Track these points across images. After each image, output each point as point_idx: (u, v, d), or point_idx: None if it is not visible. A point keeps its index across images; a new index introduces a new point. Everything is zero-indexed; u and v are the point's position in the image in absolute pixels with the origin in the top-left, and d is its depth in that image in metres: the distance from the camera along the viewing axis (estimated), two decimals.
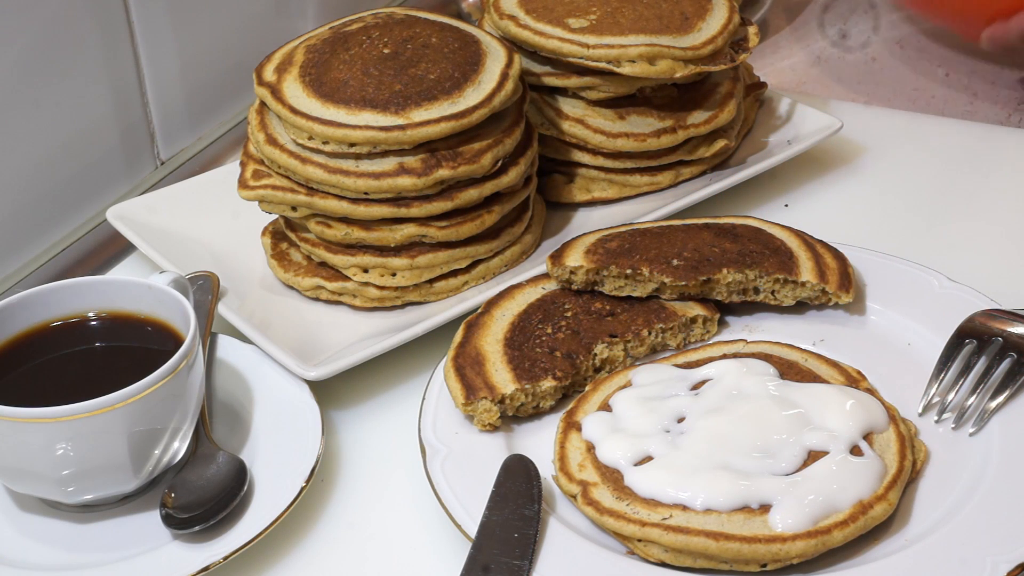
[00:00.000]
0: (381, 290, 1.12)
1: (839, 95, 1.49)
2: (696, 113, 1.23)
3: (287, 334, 1.09)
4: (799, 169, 1.31)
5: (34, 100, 1.20)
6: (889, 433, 0.94)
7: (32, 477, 0.92)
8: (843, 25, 1.63)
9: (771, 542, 0.87)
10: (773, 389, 0.98)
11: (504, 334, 1.05)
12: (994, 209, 1.27)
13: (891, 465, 0.92)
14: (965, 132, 1.39)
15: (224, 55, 1.40)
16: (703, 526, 0.87)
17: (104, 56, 1.26)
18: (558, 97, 1.23)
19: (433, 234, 1.11)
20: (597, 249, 1.09)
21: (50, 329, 0.98)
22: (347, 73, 1.10)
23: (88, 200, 1.29)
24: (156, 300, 0.98)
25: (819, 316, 1.10)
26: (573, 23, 1.19)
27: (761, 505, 0.88)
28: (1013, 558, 0.86)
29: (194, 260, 1.17)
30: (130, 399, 0.89)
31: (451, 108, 1.08)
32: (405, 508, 0.98)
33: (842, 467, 0.91)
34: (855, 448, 0.93)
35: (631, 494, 0.91)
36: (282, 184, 1.11)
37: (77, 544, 0.94)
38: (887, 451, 0.93)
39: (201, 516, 0.92)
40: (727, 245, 1.09)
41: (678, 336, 1.08)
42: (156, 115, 1.34)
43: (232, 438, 1.01)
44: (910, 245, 1.17)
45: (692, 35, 1.20)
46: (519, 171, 1.13)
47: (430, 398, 1.02)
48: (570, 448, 0.96)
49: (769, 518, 0.88)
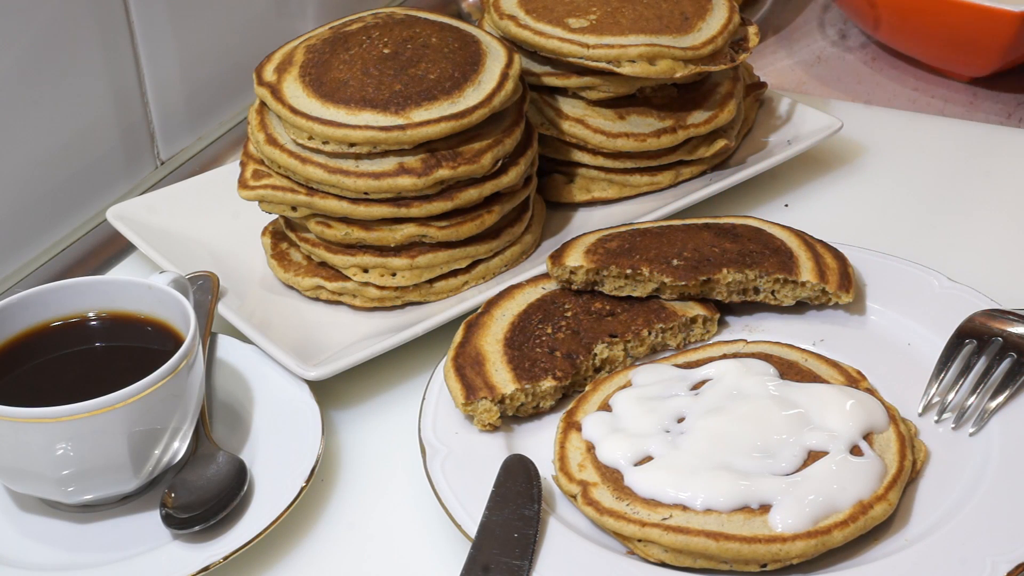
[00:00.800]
0: (381, 290, 1.12)
1: (839, 95, 1.49)
2: (696, 113, 1.23)
3: (287, 334, 1.09)
4: (799, 169, 1.31)
5: (34, 100, 1.20)
6: (889, 433, 0.94)
7: (32, 477, 0.92)
8: (843, 25, 1.63)
9: (771, 542, 0.87)
10: (773, 389, 0.98)
11: (504, 334, 1.05)
12: (994, 209, 1.27)
13: (891, 465, 0.92)
14: (965, 132, 1.39)
15: (224, 55, 1.40)
16: (703, 526, 0.87)
17: (104, 56, 1.26)
18: (558, 97, 1.23)
19: (433, 234, 1.11)
20: (597, 249, 1.09)
21: (50, 329, 0.98)
22: (347, 73, 1.10)
23: (88, 200, 1.29)
24: (156, 300, 0.98)
25: (819, 316, 1.10)
26: (573, 23, 1.19)
27: (761, 505, 0.88)
28: (1013, 558, 0.86)
29: (194, 260, 1.17)
30: (130, 399, 0.89)
31: (451, 108, 1.08)
32: (405, 508, 0.98)
33: (842, 467, 0.91)
34: (855, 448, 0.93)
35: (631, 494, 0.91)
36: (282, 184, 1.11)
37: (77, 544, 0.94)
38: (887, 451, 0.93)
39: (201, 516, 0.92)
40: (727, 245, 1.09)
41: (678, 336, 1.08)
42: (156, 115, 1.34)
43: (232, 438, 1.01)
44: (910, 245, 1.17)
45: (692, 35, 1.20)
46: (519, 171, 1.13)
47: (430, 398, 1.02)
48: (570, 448, 0.96)
49: (769, 518, 0.88)
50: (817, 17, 1.65)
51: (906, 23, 1.47)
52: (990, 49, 1.40)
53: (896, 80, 1.52)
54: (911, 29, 1.47)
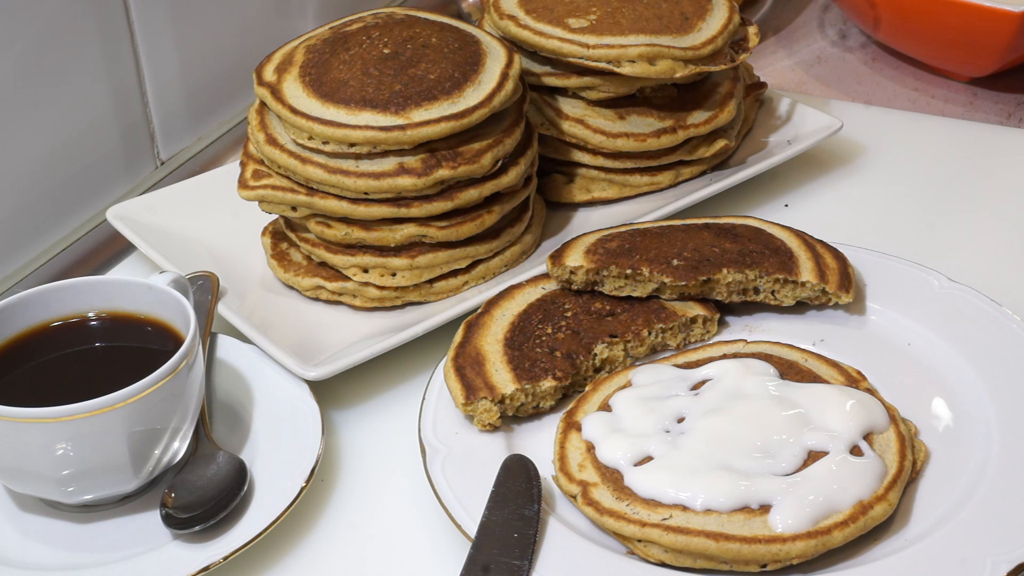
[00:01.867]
0: (381, 290, 1.12)
1: (839, 95, 1.49)
2: (696, 113, 1.23)
3: (287, 334, 1.09)
4: (799, 169, 1.31)
5: (34, 100, 1.20)
6: (889, 433, 0.94)
7: (32, 477, 0.92)
8: (843, 25, 1.63)
9: (771, 542, 0.87)
10: (773, 389, 0.98)
11: (504, 334, 1.05)
12: (994, 209, 1.27)
13: (891, 465, 0.92)
14: (965, 132, 1.39)
15: (224, 55, 1.40)
16: (703, 527, 0.87)
17: (104, 56, 1.26)
18: (558, 97, 1.23)
19: (433, 234, 1.11)
20: (597, 249, 1.09)
21: (50, 329, 0.98)
22: (347, 73, 1.10)
23: (88, 200, 1.29)
24: (156, 300, 0.98)
25: (819, 316, 1.10)
26: (573, 23, 1.19)
27: (761, 505, 0.88)
28: (1013, 558, 0.86)
29: (194, 260, 1.17)
30: (130, 399, 0.89)
31: (451, 108, 1.08)
32: (405, 508, 0.98)
33: (842, 467, 0.91)
34: (855, 448, 0.93)
35: (631, 494, 0.91)
36: (282, 184, 1.11)
37: (77, 544, 0.94)
38: (887, 451, 0.93)
39: (201, 516, 0.92)
40: (727, 245, 1.09)
41: (678, 336, 1.08)
42: (156, 115, 1.34)
43: (232, 438, 1.01)
44: (910, 245, 1.17)
45: (692, 35, 1.20)
46: (519, 171, 1.13)
47: (430, 398, 1.02)
48: (570, 448, 0.96)
49: (769, 518, 0.88)
50: (817, 17, 1.65)
51: (906, 23, 1.47)
52: (990, 49, 1.40)
53: (896, 80, 1.52)
54: (911, 29, 1.47)
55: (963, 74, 1.48)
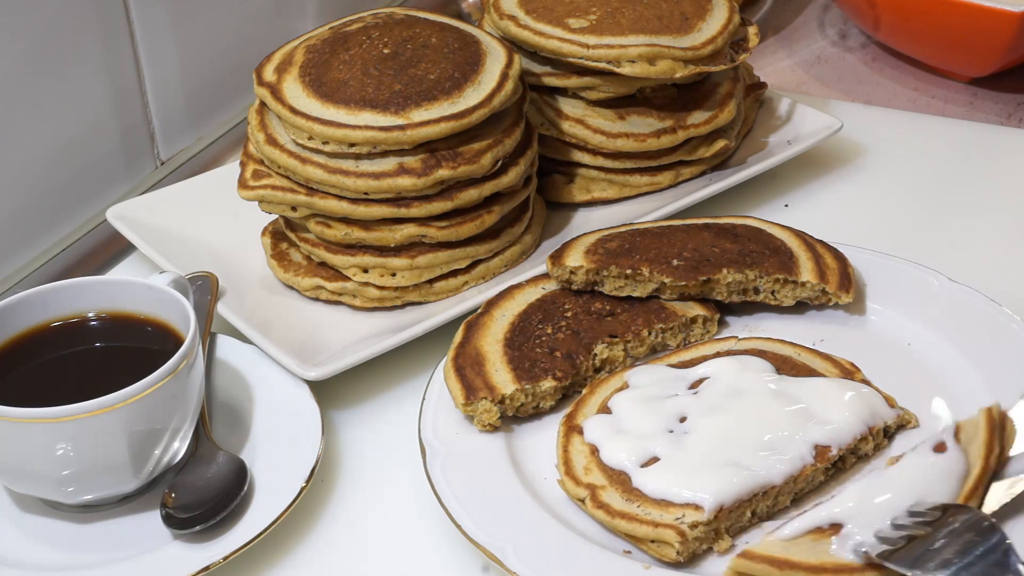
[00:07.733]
0: (381, 290, 1.12)
1: (839, 95, 1.49)
2: (696, 113, 1.23)
3: (287, 334, 1.09)
4: (799, 169, 1.31)
5: (34, 100, 1.20)
6: (979, 419, 0.88)
7: (32, 477, 0.92)
8: (843, 25, 1.63)
9: (839, 571, 0.83)
10: (772, 385, 0.98)
11: (504, 334, 1.05)
12: (994, 209, 1.27)
13: (975, 462, 0.87)
14: (965, 132, 1.39)
15: (224, 55, 1.40)
16: (768, 551, 0.85)
17: (104, 56, 1.26)
18: (558, 97, 1.23)
19: (433, 234, 1.11)
20: (597, 249, 1.09)
21: (50, 329, 0.98)
22: (347, 73, 1.10)
23: (88, 200, 1.29)
24: (156, 300, 0.98)
25: (819, 316, 1.10)
26: (573, 23, 1.19)
27: (832, 524, 0.86)
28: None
29: (194, 260, 1.17)
30: (130, 399, 0.89)
31: (451, 108, 1.08)
32: (405, 508, 0.98)
33: (914, 472, 0.87)
34: (939, 444, 0.88)
35: (641, 495, 0.90)
36: (282, 184, 1.11)
37: (77, 544, 0.94)
38: (973, 442, 0.87)
39: (201, 516, 0.92)
40: (727, 245, 1.09)
41: (678, 336, 1.08)
42: (156, 115, 1.34)
43: (232, 438, 1.01)
44: (910, 245, 1.17)
45: (692, 35, 1.20)
46: (519, 171, 1.13)
47: (430, 398, 1.02)
48: (573, 452, 0.96)
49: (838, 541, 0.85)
50: (817, 17, 1.65)
51: (906, 23, 1.47)
52: (990, 49, 1.41)
53: (896, 80, 1.52)
54: (911, 29, 1.47)
55: (963, 74, 1.48)
